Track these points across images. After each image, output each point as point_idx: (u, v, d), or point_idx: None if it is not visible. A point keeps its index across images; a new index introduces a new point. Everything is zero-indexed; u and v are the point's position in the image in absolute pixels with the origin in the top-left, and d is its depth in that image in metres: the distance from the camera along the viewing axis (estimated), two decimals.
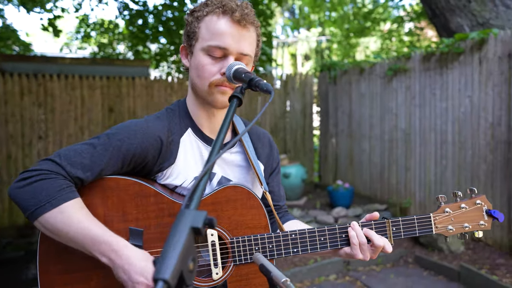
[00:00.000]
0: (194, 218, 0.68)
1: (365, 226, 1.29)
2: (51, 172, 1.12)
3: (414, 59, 5.71)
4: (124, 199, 1.21)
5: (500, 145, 4.53)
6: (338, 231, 1.27)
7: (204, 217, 0.68)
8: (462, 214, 1.36)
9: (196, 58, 1.27)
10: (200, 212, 0.69)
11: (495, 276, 4.02)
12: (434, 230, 1.33)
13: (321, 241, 1.27)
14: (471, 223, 1.36)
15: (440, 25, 6.35)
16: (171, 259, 0.62)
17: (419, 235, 1.33)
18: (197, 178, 0.79)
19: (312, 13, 13.99)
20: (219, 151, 0.88)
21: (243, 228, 1.26)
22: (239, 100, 1.03)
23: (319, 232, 1.27)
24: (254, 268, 1.26)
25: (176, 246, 0.63)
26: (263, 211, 1.28)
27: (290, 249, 1.25)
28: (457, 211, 1.36)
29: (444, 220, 1.34)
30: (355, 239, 1.25)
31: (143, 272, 1.07)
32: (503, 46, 4.50)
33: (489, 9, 5.77)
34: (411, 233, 1.32)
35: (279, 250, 1.25)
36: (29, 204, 1.09)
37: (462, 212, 1.36)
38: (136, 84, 6.86)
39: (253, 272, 1.26)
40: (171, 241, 0.64)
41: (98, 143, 1.20)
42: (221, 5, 1.25)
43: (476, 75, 4.80)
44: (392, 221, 1.30)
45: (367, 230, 1.27)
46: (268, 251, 1.25)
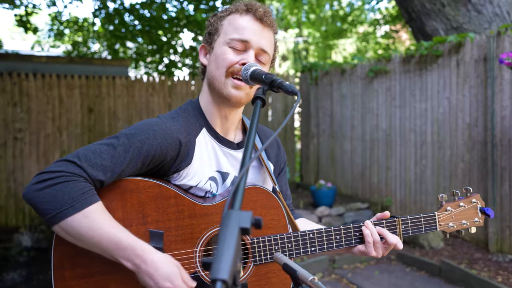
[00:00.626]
0: (242, 218, 0.69)
1: (377, 225, 1.33)
2: (72, 174, 1.09)
3: (394, 61, 5.88)
4: (144, 201, 1.20)
5: (477, 145, 4.74)
6: (352, 230, 1.31)
7: (251, 218, 0.70)
8: (461, 212, 1.43)
9: (218, 51, 1.29)
10: (245, 212, 0.70)
11: (474, 270, 4.20)
12: (438, 227, 1.39)
13: (337, 239, 1.30)
14: (468, 220, 1.43)
15: (416, 28, 6.57)
16: (227, 260, 0.62)
17: (426, 232, 1.38)
18: (236, 178, 0.80)
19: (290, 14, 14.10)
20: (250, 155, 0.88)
21: (263, 229, 1.27)
22: (263, 101, 1.04)
23: (335, 231, 1.30)
24: (273, 267, 1.27)
25: (229, 247, 0.64)
26: (282, 211, 1.30)
27: (308, 247, 1.28)
28: (457, 209, 1.42)
29: (446, 218, 1.40)
30: (369, 237, 1.28)
31: (168, 276, 1.07)
32: (479, 50, 4.71)
33: (462, 14, 6.01)
34: (418, 230, 1.37)
35: (298, 249, 1.27)
36: (50, 208, 1.06)
37: (461, 210, 1.42)
38: (116, 84, 6.72)
39: (272, 271, 1.27)
40: (224, 242, 0.65)
41: (118, 143, 1.17)
42: (245, 5, 1.31)
43: (454, 77, 4.99)
44: (402, 219, 1.35)
45: (380, 229, 1.31)
46: (287, 250, 1.27)
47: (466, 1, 5.96)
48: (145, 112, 6.87)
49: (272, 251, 1.26)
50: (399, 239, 1.31)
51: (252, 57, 1.27)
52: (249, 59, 1.26)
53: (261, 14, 1.29)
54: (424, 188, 5.45)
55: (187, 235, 1.22)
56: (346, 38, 14.18)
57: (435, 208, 5.23)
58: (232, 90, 1.27)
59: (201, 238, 1.23)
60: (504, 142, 4.43)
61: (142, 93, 6.87)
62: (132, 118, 6.80)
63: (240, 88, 1.27)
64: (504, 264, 4.32)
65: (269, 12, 1.31)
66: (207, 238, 1.24)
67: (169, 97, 7.05)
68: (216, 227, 1.24)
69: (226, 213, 0.70)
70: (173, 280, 1.06)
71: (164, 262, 1.09)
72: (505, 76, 4.41)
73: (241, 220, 0.68)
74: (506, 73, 4.39)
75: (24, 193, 1.09)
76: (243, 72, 1.21)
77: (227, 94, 1.28)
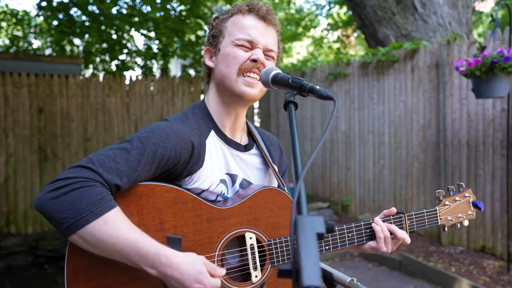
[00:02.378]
0: (315, 224, 0.69)
1: (385, 221, 1.39)
2: (88, 179, 1.03)
3: (353, 65, 6.13)
4: (161, 206, 1.16)
5: (430, 146, 5.08)
6: (363, 227, 1.35)
7: (324, 223, 0.71)
8: (457, 206, 1.53)
9: (225, 51, 1.30)
10: (317, 218, 0.71)
11: (431, 263, 4.50)
12: (439, 221, 1.48)
13: (349, 237, 1.34)
14: (463, 213, 1.54)
15: (369, 34, 6.91)
16: (315, 266, 0.63)
17: (428, 226, 1.47)
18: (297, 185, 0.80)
19: None
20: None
21: (279, 229, 1.28)
22: (295, 105, 1.05)
23: (347, 229, 1.34)
24: None
25: (313, 252, 0.65)
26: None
27: (323, 247, 1.30)
28: (453, 203, 1.53)
29: (446, 212, 1.50)
30: (380, 233, 1.33)
31: (197, 278, 1.04)
32: (431, 56, 5.06)
33: (410, 22, 6.42)
34: (422, 225, 1.45)
35: None
36: (67, 216, 0.99)
37: (457, 204, 1.53)
38: (69, 83, 6.34)
39: None
40: (306, 249, 0.65)
41: (132, 147, 1.13)
42: (246, 5, 1.33)
43: (409, 82, 5.31)
44: (407, 215, 1.42)
45: (389, 225, 1.37)
46: None
47: (414, 10, 6.38)
48: (101, 113, 6.56)
49: (289, 251, 1.27)
50: (407, 234, 1.37)
51: (260, 53, 1.28)
52: (258, 54, 1.27)
53: (264, 12, 1.31)
54: (382, 187, 5.73)
55: (204, 240, 1.19)
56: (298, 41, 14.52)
57: (391, 205, 5.52)
58: (245, 87, 1.28)
59: (219, 242, 1.21)
60: (455, 143, 4.80)
61: (98, 93, 6.55)
62: (87, 119, 6.46)
63: (253, 86, 1.28)
64: (456, 255, 4.67)
65: (271, 10, 1.34)
66: (225, 242, 1.22)
67: (127, 97, 6.79)
68: (234, 229, 1.23)
69: (298, 219, 0.70)
70: (202, 280, 1.04)
71: (189, 263, 1.06)
72: (455, 82, 4.78)
73: (315, 226, 0.68)
74: (456, 79, 4.75)
75: (38, 203, 1.01)
76: (263, 76, 1.21)
77: (240, 92, 1.28)
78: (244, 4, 1.33)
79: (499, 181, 4.38)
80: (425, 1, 6.36)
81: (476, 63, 3.62)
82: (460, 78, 4.69)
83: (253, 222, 1.25)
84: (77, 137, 6.39)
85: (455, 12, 6.39)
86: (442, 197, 1.52)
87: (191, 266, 1.06)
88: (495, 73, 3.59)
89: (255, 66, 1.27)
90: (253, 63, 1.26)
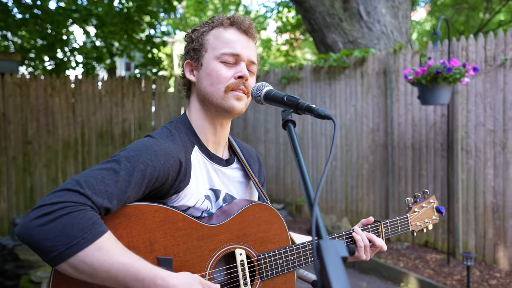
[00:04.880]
0: (339, 248, 0.72)
1: (364, 230, 1.45)
2: (77, 203, 0.97)
3: (306, 70, 6.31)
4: (150, 227, 1.12)
5: (379, 148, 5.38)
6: (344, 237, 1.41)
7: (345, 247, 0.73)
8: (424, 212, 1.65)
9: (209, 67, 1.28)
10: (338, 241, 0.74)
11: (381, 259, 4.76)
12: (410, 227, 1.58)
13: None
14: (429, 218, 1.66)
15: (318, 39, 7.16)
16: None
17: (401, 232, 1.56)
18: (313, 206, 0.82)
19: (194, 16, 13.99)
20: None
21: (267, 244, 1.29)
22: (294, 124, 1.08)
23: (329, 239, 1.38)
24: (278, 280, 1.30)
25: (341, 276, 0.67)
26: (283, 225, 1.33)
27: (309, 258, 1.33)
28: (421, 210, 1.64)
29: (415, 219, 1.61)
30: (361, 242, 1.39)
31: None
32: (379, 64, 5.35)
33: (356, 29, 6.75)
34: (395, 232, 1.54)
35: (300, 261, 1.32)
36: (56, 244, 0.92)
37: (424, 210, 1.64)
38: (6, 81, 5.84)
39: (278, 285, 1.30)
40: (335, 274, 0.67)
41: (120, 168, 1.08)
42: (227, 18, 1.32)
43: (359, 87, 5.58)
44: (383, 223, 1.50)
45: (368, 233, 1.43)
46: (290, 263, 1.31)
47: (359, 18, 6.72)
48: (43, 115, 6.12)
49: (277, 265, 1.29)
50: (383, 242, 1.45)
51: (244, 68, 1.29)
52: (243, 71, 1.28)
53: (246, 26, 1.32)
54: (334, 187, 5.96)
55: (195, 259, 1.17)
56: None
57: (343, 205, 5.76)
58: (234, 101, 1.28)
59: (209, 260, 1.20)
60: (401, 145, 5.12)
61: (40, 93, 6.11)
62: (27, 121, 6.00)
63: (242, 99, 1.30)
64: (403, 251, 4.99)
65: (252, 24, 1.35)
66: (216, 260, 1.20)
67: (72, 97, 6.40)
68: (224, 246, 1.22)
69: (321, 244, 0.71)
70: None
71: (186, 284, 1.05)
72: (400, 88, 5.10)
73: (339, 250, 0.70)
74: (402, 86, 5.08)
75: (22, 231, 0.93)
76: (255, 92, 1.23)
77: (229, 107, 1.28)
78: (224, 17, 1.32)
79: (440, 180, 4.75)
80: (370, 10, 6.72)
81: (422, 72, 3.90)
82: (405, 85, 5.01)
83: (242, 238, 1.25)
84: (15, 140, 5.91)
85: (396, 21, 6.82)
86: (411, 205, 1.62)
87: (188, 286, 1.04)
88: (439, 82, 3.89)
89: (241, 83, 1.27)
90: (239, 80, 1.27)
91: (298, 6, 7.19)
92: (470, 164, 4.48)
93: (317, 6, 6.87)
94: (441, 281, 4.16)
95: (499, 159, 4.25)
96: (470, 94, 4.45)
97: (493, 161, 4.30)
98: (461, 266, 4.41)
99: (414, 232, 1.63)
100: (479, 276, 4.18)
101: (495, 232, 4.31)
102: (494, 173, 4.30)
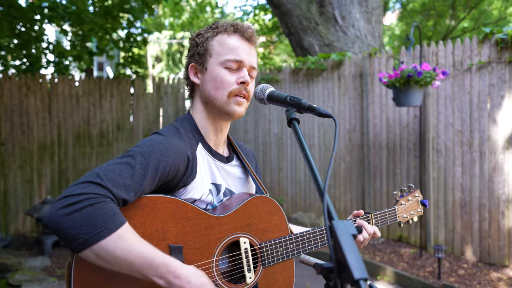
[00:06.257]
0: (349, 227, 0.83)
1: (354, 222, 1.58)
2: (99, 195, 1.05)
3: (285, 72, 6.46)
4: (163, 217, 1.20)
5: (355, 148, 5.59)
6: None
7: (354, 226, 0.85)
8: (410, 205, 1.80)
9: (213, 72, 1.37)
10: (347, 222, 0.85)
11: None
12: (398, 218, 1.73)
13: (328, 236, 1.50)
14: (414, 210, 1.81)
15: (295, 42, 7.35)
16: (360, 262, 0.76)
17: (389, 223, 1.70)
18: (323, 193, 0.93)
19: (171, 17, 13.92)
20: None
21: (269, 233, 1.39)
22: (298, 121, 1.19)
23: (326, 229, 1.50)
24: (278, 267, 1.41)
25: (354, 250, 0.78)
26: (283, 216, 1.44)
27: (306, 247, 1.45)
28: (407, 203, 1.79)
29: (402, 211, 1.75)
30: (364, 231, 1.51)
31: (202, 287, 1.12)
32: (356, 67, 5.57)
33: (332, 33, 6.99)
34: (384, 222, 1.68)
35: (298, 249, 1.43)
36: (82, 232, 1.00)
37: (410, 203, 1.79)
38: None
39: (278, 271, 1.40)
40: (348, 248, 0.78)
41: (136, 162, 1.16)
42: (231, 25, 1.41)
43: (336, 89, 5.78)
44: (373, 215, 1.63)
45: (359, 221, 1.56)
46: (290, 251, 1.41)
47: (335, 22, 6.96)
48: (17, 115, 5.97)
49: (278, 253, 1.39)
50: (376, 228, 1.58)
51: (247, 74, 1.39)
52: (245, 77, 1.38)
53: (250, 34, 1.41)
54: (312, 186, 6.14)
55: (204, 247, 1.26)
56: None
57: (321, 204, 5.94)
58: (235, 107, 1.38)
59: (216, 248, 1.29)
60: (376, 145, 5.35)
61: (14, 93, 5.96)
62: (0, 121, 5.83)
63: (242, 104, 1.39)
64: (379, 246, 5.21)
65: (254, 31, 1.44)
66: (222, 247, 1.30)
67: (48, 98, 6.27)
68: (230, 235, 1.31)
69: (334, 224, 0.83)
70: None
71: (195, 275, 1.13)
72: (376, 91, 5.33)
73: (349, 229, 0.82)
74: (377, 88, 5.31)
75: (49, 220, 0.99)
76: (259, 93, 1.34)
77: (230, 111, 1.38)
78: (228, 24, 1.41)
79: (412, 178, 5.01)
80: (345, 15, 6.97)
81: (396, 75, 4.12)
82: (380, 87, 5.25)
83: (246, 227, 1.35)
84: None
85: (369, 26, 7.10)
86: (399, 198, 1.77)
87: (198, 277, 1.13)
88: (411, 85, 4.13)
89: (243, 88, 1.37)
90: (242, 85, 1.36)
91: (275, 10, 7.35)
92: (440, 163, 4.75)
93: (294, 10, 7.05)
94: (414, 273, 4.39)
95: (466, 157, 4.54)
96: (440, 96, 4.73)
97: (461, 160, 4.59)
98: (432, 258, 4.66)
99: (401, 223, 1.77)
100: (448, 267, 4.45)
101: (463, 226, 4.59)
102: (462, 170, 4.58)
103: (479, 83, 4.43)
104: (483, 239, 4.45)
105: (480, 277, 4.18)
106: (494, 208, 4.36)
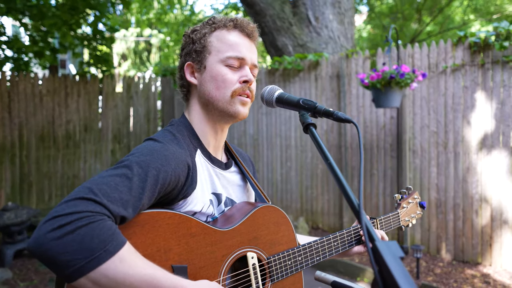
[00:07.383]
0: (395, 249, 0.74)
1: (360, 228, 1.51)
2: (94, 213, 0.89)
3: (261, 72, 6.37)
4: (165, 235, 1.07)
5: (333, 148, 5.59)
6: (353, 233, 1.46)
7: (398, 247, 0.76)
8: (411, 208, 1.75)
9: (213, 70, 1.26)
10: (391, 242, 0.76)
11: None
12: (401, 222, 1.67)
13: (335, 246, 1.42)
14: (414, 213, 1.77)
15: (269, 42, 7.28)
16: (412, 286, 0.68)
17: (393, 228, 1.64)
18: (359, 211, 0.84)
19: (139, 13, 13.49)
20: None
21: (276, 246, 1.29)
22: (315, 126, 1.10)
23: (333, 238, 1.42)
24: (287, 282, 1.31)
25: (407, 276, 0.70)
26: (291, 226, 1.34)
27: (315, 257, 1.35)
28: (408, 205, 1.74)
29: (404, 214, 1.70)
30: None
31: None
32: (333, 68, 5.57)
33: (305, 33, 6.98)
34: (389, 227, 1.62)
35: (307, 261, 1.33)
36: (76, 258, 0.84)
37: (410, 206, 1.75)
38: None
39: (287, 286, 1.30)
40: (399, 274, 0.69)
41: (133, 174, 1.01)
42: (231, 20, 1.31)
43: (313, 90, 5.76)
44: (378, 219, 1.57)
45: None
46: (298, 264, 1.32)
47: (308, 23, 6.95)
48: None
49: (286, 266, 1.29)
50: (384, 233, 1.52)
51: (249, 73, 1.29)
52: (248, 75, 1.29)
53: (250, 30, 1.31)
54: (289, 187, 6.08)
55: (209, 265, 1.14)
56: None
57: (298, 205, 5.90)
58: (240, 107, 1.28)
59: (223, 265, 1.17)
60: (354, 146, 5.37)
61: None
62: None
63: (246, 104, 1.30)
64: None
65: (255, 27, 1.35)
66: (229, 264, 1.18)
67: (8, 97, 5.84)
68: (236, 251, 1.20)
69: (379, 246, 0.73)
70: None
71: None
72: (353, 92, 5.35)
73: (397, 251, 0.73)
74: (354, 89, 5.33)
75: (36, 245, 0.83)
76: (266, 96, 1.25)
77: (234, 112, 1.28)
78: (227, 19, 1.30)
79: (389, 179, 5.06)
80: (318, 15, 6.98)
81: (377, 77, 4.12)
82: (357, 88, 5.27)
83: (253, 241, 1.24)
84: None
85: (342, 27, 7.15)
86: (400, 201, 1.72)
87: None
88: (392, 86, 4.15)
89: (246, 87, 1.27)
90: (244, 84, 1.27)
91: (248, 9, 7.24)
92: (416, 163, 4.83)
93: (268, 9, 6.98)
94: None
95: (441, 158, 4.63)
96: (416, 98, 4.80)
97: (436, 160, 4.68)
98: (410, 258, 4.73)
99: (403, 227, 1.72)
100: (425, 266, 4.52)
101: (438, 225, 4.69)
102: (437, 171, 4.67)
103: (453, 85, 4.53)
104: (458, 238, 4.56)
105: (456, 275, 4.27)
106: (468, 207, 4.47)
